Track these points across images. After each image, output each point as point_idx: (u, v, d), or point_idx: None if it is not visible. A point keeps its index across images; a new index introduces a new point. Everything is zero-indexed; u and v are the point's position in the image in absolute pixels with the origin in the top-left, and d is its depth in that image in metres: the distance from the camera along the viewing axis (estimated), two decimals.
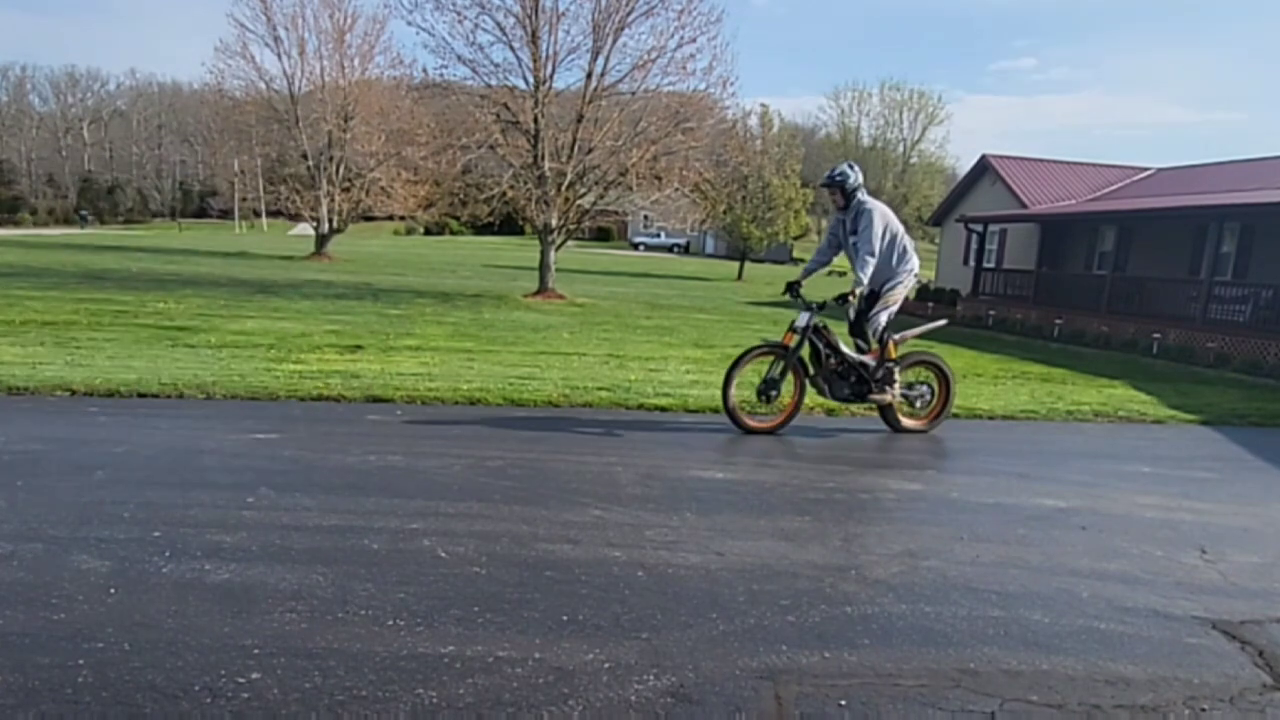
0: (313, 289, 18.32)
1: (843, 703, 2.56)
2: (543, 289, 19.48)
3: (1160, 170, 26.31)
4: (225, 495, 4.16)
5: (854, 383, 6.39)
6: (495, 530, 3.89)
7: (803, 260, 70.52)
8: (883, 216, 6.23)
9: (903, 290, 6.41)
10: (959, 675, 2.77)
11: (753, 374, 6.52)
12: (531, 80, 18.09)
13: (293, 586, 3.16)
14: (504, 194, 18.65)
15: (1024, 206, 24.15)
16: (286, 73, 31.19)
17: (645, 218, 56.55)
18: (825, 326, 6.40)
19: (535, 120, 17.76)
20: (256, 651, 2.67)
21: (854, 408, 7.02)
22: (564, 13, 18.01)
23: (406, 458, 5.09)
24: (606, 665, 2.71)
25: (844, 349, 6.37)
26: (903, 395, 6.56)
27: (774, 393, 6.31)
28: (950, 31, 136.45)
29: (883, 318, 6.37)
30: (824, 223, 75.15)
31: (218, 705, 2.37)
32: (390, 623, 2.92)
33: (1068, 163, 27.03)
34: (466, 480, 4.68)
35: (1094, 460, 6.25)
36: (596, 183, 19.11)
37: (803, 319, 6.25)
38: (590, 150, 18.15)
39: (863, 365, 6.35)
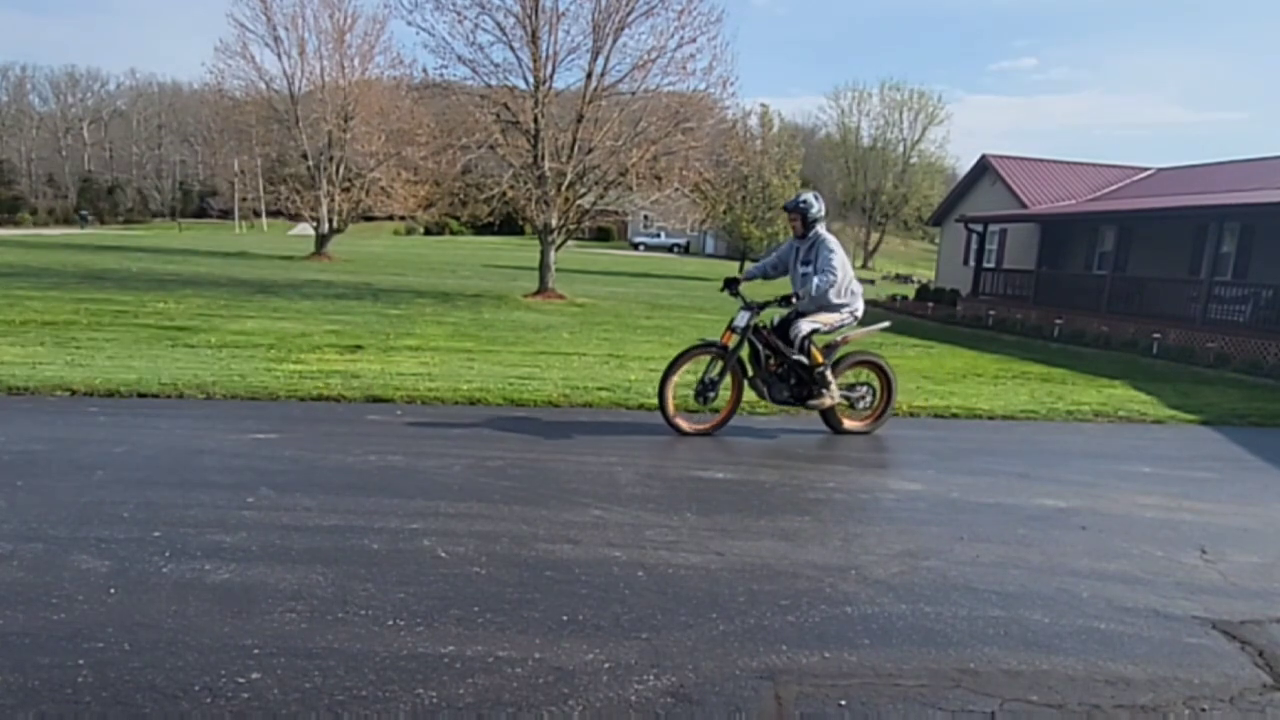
0: (313, 289, 18.32)
1: (843, 703, 2.57)
2: (543, 289, 19.47)
3: (1160, 170, 26.32)
4: (225, 495, 4.16)
5: (794, 385, 6.33)
6: (495, 530, 3.89)
7: None
8: (842, 250, 6.31)
9: (837, 319, 6.34)
10: (959, 675, 2.77)
11: (690, 374, 6.36)
12: (531, 80, 18.08)
13: (293, 586, 3.16)
14: (504, 194, 18.65)
15: (1024, 206, 24.15)
16: (286, 73, 31.19)
17: (645, 218, 56.54)
18: (765, 327, 6.34)
19: (535, 120, 17.76)
20: (256, 651, 2.67)
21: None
22: (564, 13, 18.01)
23: (406, 458, 5.09)
24: (606, 665, 2.71)
25: (786, 351, 6.27)
26: (843, 396, 6.49)
27: (711, 394, 6.20)
28: (950, 32, 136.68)
29: (804, 326, 6.25)
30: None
31: (218, 705, 2.37)
32: (390, 623, 2.92)
33: (1068, 163, 27.04)
34: (466, 480, 4.68)
35: (1094, 460, 6.25)
36: (596, 183, 19.10)
37: (742, 318, 6.15)
38: (590, 150, 18.15)
39: (802, 366, 6.26)
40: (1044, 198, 24.53)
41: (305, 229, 46.40)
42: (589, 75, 18.02)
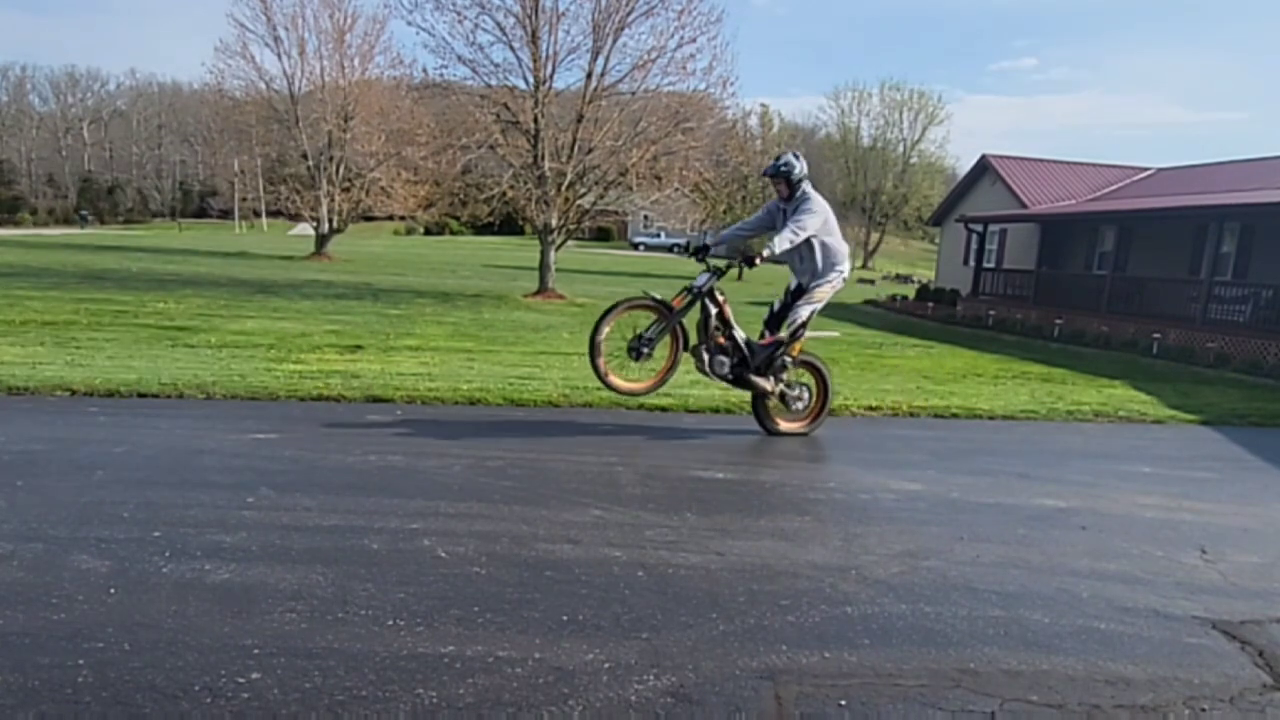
0: (313, 289, 18.32)
1: (843, 703, 2.56)
2: (543, 289, 19.48)
3: (1160, 170, 26.32)
4: (225, 495, 4.16)
5: (735, 364, 6.04)
6: (495, 530, 3.89)
7: None
8: (824, 209, 6.06)
9: (830, 290, 6.15)
10: (959, 675, 2.77)
11: (629, 330, 6.02)
12: (531, 80, 18.09)
13: (293, 586, 3.16)
14: (504, 194, 18.65)
15: (1024, 206, 24.16)
16: (286, 73, 31.21)
17: (645, 218, 56.51)
18: (723, 293, 6.05)
19: (535, 120, 17.76)
20: (256, 651, 2.67)
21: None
22: (564, 13, 18.02)
23: (406, 458, 5.08)
24: (606, 665, 2.71)
25: (735, 325, 6.05)
26: (781, 391, 6.26)
27: (646, 350, 5.87)
28: (950, 32, 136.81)
29: (805, 312, 6.08)
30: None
31: (218, 705, 2.37)
32: (390, 623, 2.92)
33: (1068, 163, 27.04)
34: (466, 480, 4.68)
35: (1094, 460, 6.25)
36: (596, 183, 19.10)
37: (701, 279, 5.87)
38: (590, 150, 18.15)
39: (749, 347, 6.05)
40: (1044, 198, 24.53)
41: (305, 229, 46.40)
42: (589, 75, 18.03)
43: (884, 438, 6.58)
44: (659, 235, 61.84)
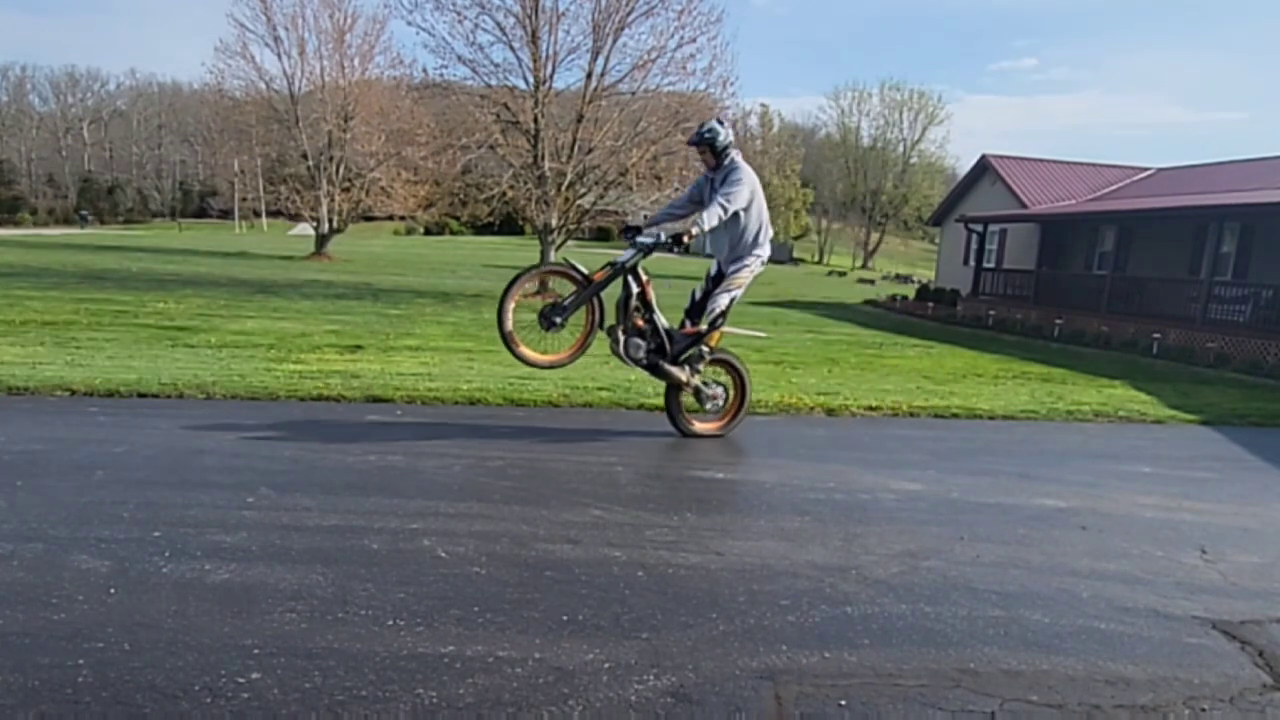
0: (313, 289, 18.32)
1: (843, 703, 2.56)
2: (543, 289, 19.46)
3: (1160, 170, 26.32)
4: (225, 495, 4.16)
5: (652, 349, 5.76)
6: (495, 530, 3.89)
7: (803, 260, 70.49)
8: (752, 183, 5.69)
9: (749, 274, 5.86)
10: (959, 675, 2.77)
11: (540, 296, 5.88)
12: (531, 80, 18.10)
13: (293, 586, 3.16)
14: (504, 194, 18.67)
15: (1024, 206, 24.16)
16: (286, 73, 31.26)
17: (645, 218, 56.44)
18: (647, 274, 5.78)
19: (535, 120, 17.77)
20: (256, 651, 2.67)
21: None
22: (564, 13, 18.04)
23: (406, 458, 5.09)
24: (606, 665, 2.71)
25: (656, 309, 5.79)
26: (696, 388, 5.96)
27: (558, 320, 5.59)
28: (950, 31, 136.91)
29: (724, 300, 5.79)
30: (824, 222, 75.17)
31: (218, 705, 2.37)
32: (390, 623, 2.92)
33: (1068, 163, 27.05)
34: (466, 480, 4.68)
35: (1094, 460, 6.25)
36: (596, 183, 19.11)
37: (626, 255, 5.61)
38: (590, 150, 18.16)
39: (669, 334, 5.80)
40: (1044, 198, 24.54)
41: (305, 229, 46.39)
42: (589, 75, 18.04)
43: (884, 438, 6.58)
44: (659, 235, 61.85)
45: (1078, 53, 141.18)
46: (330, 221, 32.44)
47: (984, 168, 27.30)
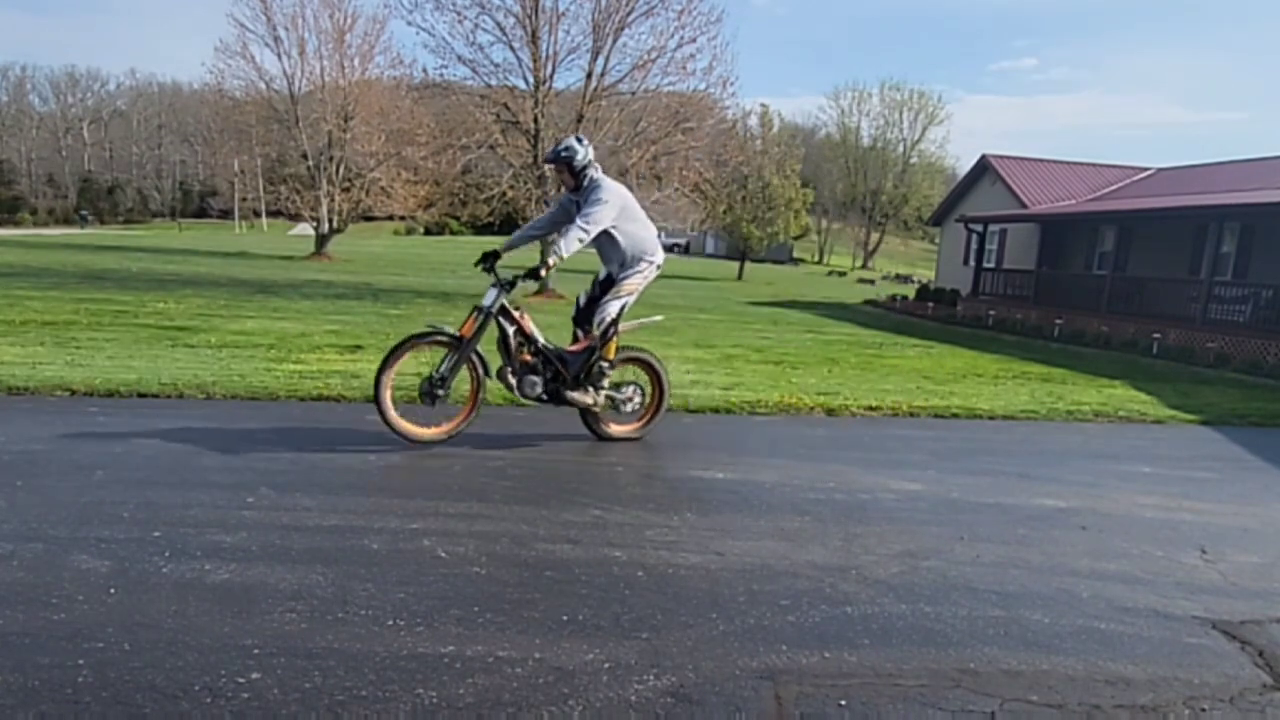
0: (313, 289, 18.32)
1: (843, 703, 2.56)
2: (543, 289, 19.47)
3: (1160, 170, 26.33)
4: (225, 495, 4.16)
5: (550, 379, 5.48)
6: (495, 530, 3.89)
7: (803, 260, 70.44)
8: (618, 196, 5.44)
9: (642, 280, 5.65)
10: (959, 675, 2.77)
11: (424, 365, 5.74)
12: (531, 80, 18.11)
13: (293, 586, 3.16)
14: (504, 194, 18.67)
15: (1024, 206, 24.17)
16: (286, 73, 31.23)
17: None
18: (519, 308, 5.51)
19: (535, 120, 17.77)
20: (256, 651, 2.67)
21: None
22: (564, 13, 18.05)
23: (406, 458, 5.09)
24: (606, 665, 2.71)
25: (539, 337, 5.51)
26: (608, 396, 5.69)
27: (441, 392, 5.27)
28: (950, 31, 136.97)
29: (614, 307, 5.52)
30: (824, 222, 75.16)
31: (218, 705, 2.37)
32: (390, 623, 2.92)
33: (1068, 163, 27.06)
34: (466, 480, 4.68)
35: (1094, 460, 6.25)
36: None
37: (489, 297, 5.30)
38: None
39: (561, 359, 5.50)
40: (1044, 198, 24.54)
41: (305, 229, 46.40)
42: (589, 75, 18.05)
43: (884, 438, 6.58)
44: (659, 235, 61.85)
45: (1078, 53, 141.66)
46: (330, 221, 32.44)
47: (984, 168, 27.31)
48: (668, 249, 5.65)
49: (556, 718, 2.41)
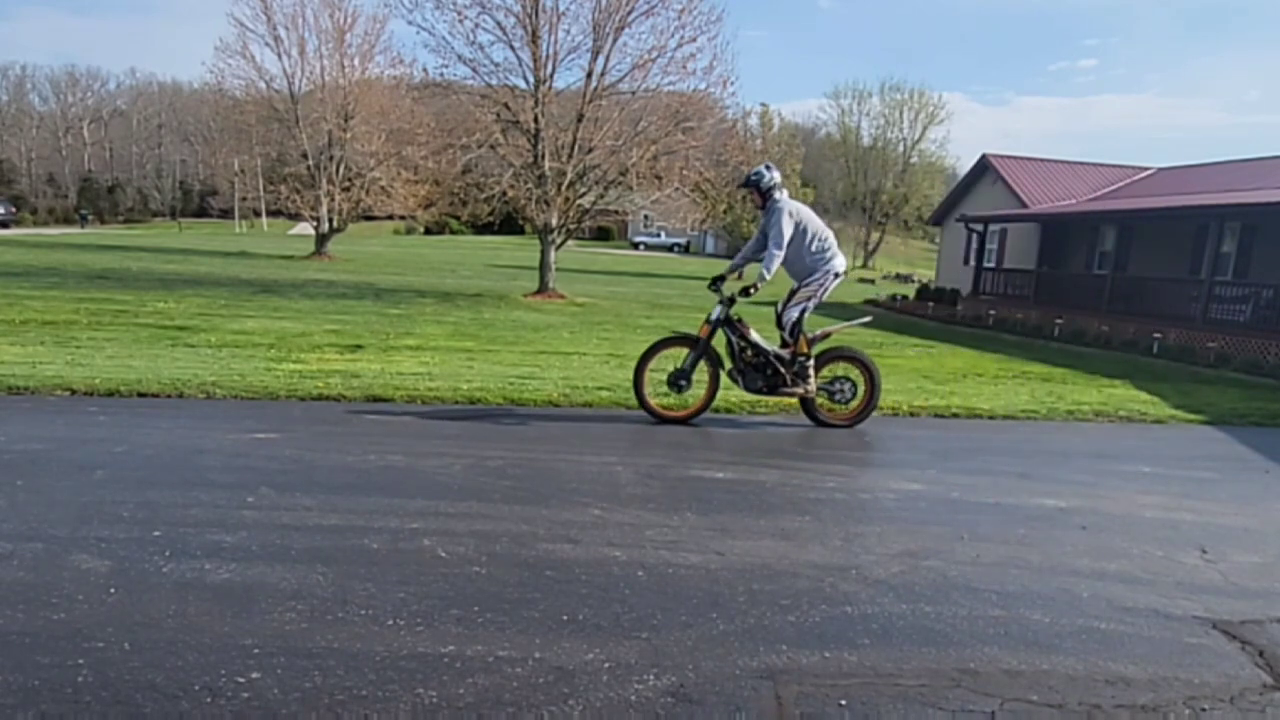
0: (313, 288, 18.31)
1: (843, 703, 2.56)
2: (543, 288, 19.47)
3: (1161, 170, 26.31)
4: (225, 495, 4.16)
5: (769, 375, 6.50)
6: (495, 530, 3.89)
7: None
8: (793, 214, 6.35)
9: (818, 287, 6.46)
10: (959, 675, 2.77)
11: (671, 363, 6.69)
12: (532, 80, 18.08)
13: (293, 586, 3.16)
14: (504, 193, 18.64)
15: (1024, 206, 24.15)
16: (287, 72, 31.18)
17: (645, 217, 56.54)
18: (740, 320, 6.60)
19: (535, 120, 17.75)
20: (256, 651, 2.67)
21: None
22: (564, 12, 18.01)
23: (406, 458, 5.08)
24: (606, 665, 2.71)
25: (760, 342, 6.52)
26: (824, 389, 6.65)
27: (684, 382, 6.51)
28: (946, 31, 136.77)
29: (794, 312, 6.46)
30: (824, 222, 75.05)
31: (218, 705, 2.37)
32: (390, 623, 2.92)
33: (1068, 162, 27.05)
34: (466, 480, 4.68)
35: (1094, 460, 6.24)
36: (597, 182, 19.09)
37: (716, 312, 6.47)
38: (590, 150, 18.14)
39: (779, 359, 6.47)
40: (1044, 197, 24.53)
41: (305, 228, 46.39)
42: (589, 75, 18.02)
43: (884, 438, 6.58)
44: (659, 235, 61.83)
45: (1145, 53, 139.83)
46: (330, 221, 32.40)
47: (984, 167, 27.29)
48: (667, 249, 6.00)
49: (556, 718, 2.41)
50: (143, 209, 79.02)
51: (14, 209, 49.47)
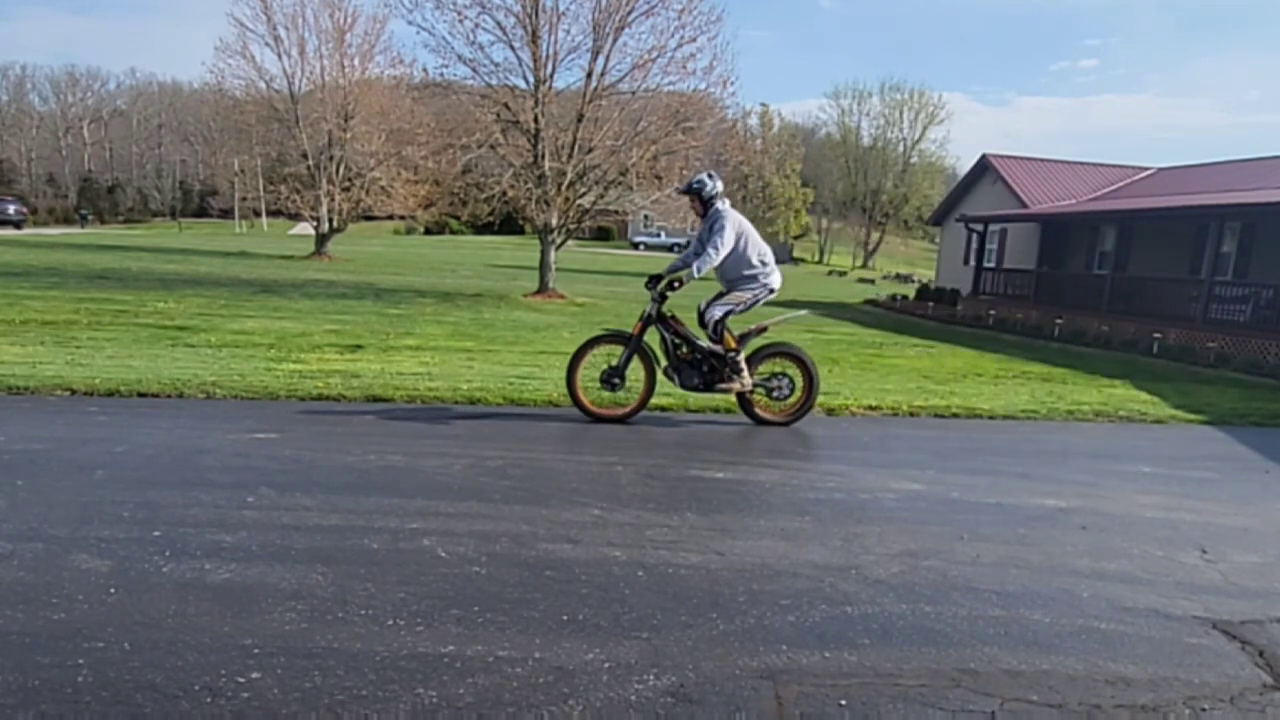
0: (313, 288, 18.31)
1: (843, 703, 2.56)
2: (543, 288, 19.46)
3: (1161, 170, 26.31)
4: (225, 495, 4.16)
5: (705, 372, 6.48)
6: (495, 530, 3.89)
7: (803, 260, 70.46)
8: (736, 224, 6.36)
9: (752, 297, 6.45)
10: (959, 675, 2.77)
11: (606, 361, 6.60)
12: (532, 80, 18.07)
13: (293, 586, 3.16)
14: (504, 193, 18.63)
15: (1024, 206, 24.15)
16: (287, 72, 31.16)
17: (645, 217, 56.42)
18: (674, 316, 6.55)
19: (535, 120, 17.74)
20: (256, 651, 2.67)
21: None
22: (564, 12, 18.00)
23: (406, 458, 5.08)
24: (606, 665, 2.71)
25: (696, 339, 6.49)
26: (761, 386, 6.62)
27: (617, 380, 6.47)
28: (955, 34, 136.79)
29: (718, 311, 6.44)
30: (824, 222, 75.19)
31: (218, 705, 2.37)
32: (390, 622, 2.92)
33: (1068, 162, 27.05)
34: (466, 480, 4.68)
35: (1094, 460, 6.24)
36: (597, 182, 19.08)
37: (648, 309, 6.46)
38: (590, 150, 18.13)
39: (714, 355, 6.43)
40: (1044, 197, 24.53)
41: (305, 228, 46.38)
42: (589, 75, 18.01)
43: (884, 438, 6.58)
44: (659, 235, 61.81)
45: (1146, 53, 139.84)
46: (330, 221, 32.39)
47: (984, 167, 27.29)
48: (668, 249, 6.03)
49: (556, 718, 2.41)
50: (143, 209, 79.00)
51: (24, 209, 49.29)
